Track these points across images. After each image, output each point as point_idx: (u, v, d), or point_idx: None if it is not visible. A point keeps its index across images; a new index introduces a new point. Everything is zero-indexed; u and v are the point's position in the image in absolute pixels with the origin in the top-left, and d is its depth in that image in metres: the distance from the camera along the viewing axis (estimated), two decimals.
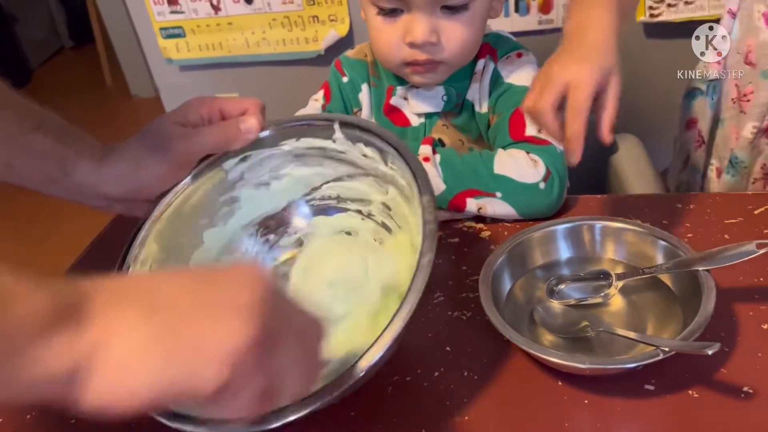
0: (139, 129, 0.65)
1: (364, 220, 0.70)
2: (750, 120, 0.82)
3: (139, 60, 3.04)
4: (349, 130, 0.65)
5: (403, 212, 0.65)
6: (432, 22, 0.73)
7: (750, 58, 0.81)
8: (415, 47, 0.75)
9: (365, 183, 0.68)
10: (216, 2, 1.73)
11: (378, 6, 0.75)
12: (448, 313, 0.64)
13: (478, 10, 0.75)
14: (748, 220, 0.68)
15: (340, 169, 0.69)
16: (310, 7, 1.68)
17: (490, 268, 0.61)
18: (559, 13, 1.55)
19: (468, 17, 0.75)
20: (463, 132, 0.85)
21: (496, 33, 0.86)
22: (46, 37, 3.90)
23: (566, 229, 0.65)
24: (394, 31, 0.75)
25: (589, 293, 0.62)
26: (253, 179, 0.70)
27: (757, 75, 0.80)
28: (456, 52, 0.76)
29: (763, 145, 0.83)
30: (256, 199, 0.70)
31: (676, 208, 0.71)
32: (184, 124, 0.63)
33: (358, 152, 0.66)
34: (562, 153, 0.73)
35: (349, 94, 0.91)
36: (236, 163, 0.68)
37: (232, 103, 0.64)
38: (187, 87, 1.93)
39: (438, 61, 0.76)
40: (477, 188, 0.72)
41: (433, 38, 0.74)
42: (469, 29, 0.75)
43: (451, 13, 0.74)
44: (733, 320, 0.58)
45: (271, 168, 0.69)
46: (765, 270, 0.62)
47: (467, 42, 0.76)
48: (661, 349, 0.51)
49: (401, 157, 0.60)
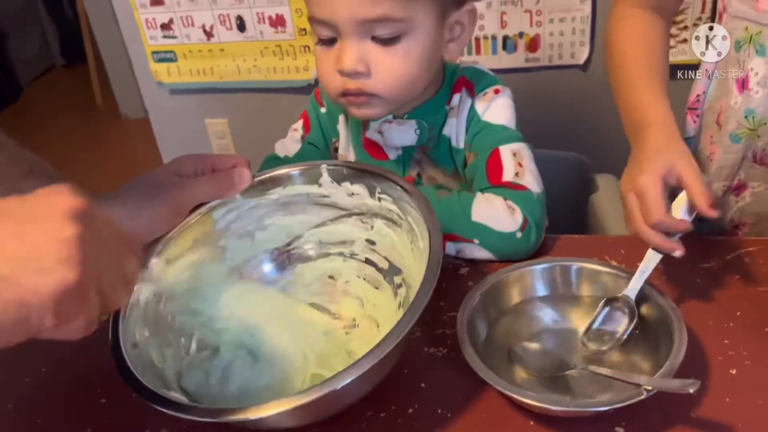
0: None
1: (347, 261, 0.72)
2: (717, 180, 0.85)
3: (130, 80, 3.05)
4: (336, 170, 0.68)
5: (389, 242, 0.67)
6: (362, 50, 0.72)
7: (720, 119, 0.83)
8: (345, 75, 0.74)
9: (348, 224, 0.70)
10: (209, 29, 1.75)
11: (317, 35, 0.76)
12: (425, 348, 0.64)
13: (414, 44, 0.73)
14: (720, 265, 0.70)
15: (324, 214, 0.71)
16: (301, 37, 1.71)
17: (467, 305, 0.62)
18: (545, 51, 1.58)
19: (401, 50, 0.73)
20: (439, 166, 0.86)
21: (472, 67, 0.86)
22: (38, 54, 3.90)
23: (543, 269, 0.67)
24: (329, 59, 0.75)
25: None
26: (239, 229, 0.71)
27: (722, 136, 0.83)
28: (388, 85, 0.74)
29: (732, 202, 0.86)
30: (240, 250, 0.71)
31: None
32: (179, 175, 0.65)
33: (344, 192, 0.68)
34: (539, 199, 0.75)
35: (328, 125, 0.91)
36: (225, 213, 0.69)
37: (223, 158, 0.69)
38: (176, 110, 1.94)
39: (370, 93, 0.75)
40: (456, 233, 0.73)
41: (361, 67, 0.73)
42: (402, 63, 0.73)
43: (383, 44, 0.72)
44: (703, 364, 0.59)
45: (256, 218, 0.71)
46: (734, 315, 0.63)
47: (400, 76, 0.74)
48: (644, 388, 0.52)
49: (399, 186, 0.63)
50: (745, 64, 0.78)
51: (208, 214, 0.68)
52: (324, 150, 0.92)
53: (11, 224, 0.38)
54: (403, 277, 0.67)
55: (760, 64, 0.77)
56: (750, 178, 0.83)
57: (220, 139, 1.97)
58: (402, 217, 0.65)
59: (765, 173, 0.82)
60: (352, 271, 0.71)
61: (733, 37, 0.80)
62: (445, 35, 0.76)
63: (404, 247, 0.66)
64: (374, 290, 0.70)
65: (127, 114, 3.25)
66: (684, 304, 0.64)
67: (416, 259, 0.63)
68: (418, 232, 0.62)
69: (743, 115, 0.80)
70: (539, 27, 1.56)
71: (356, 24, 0.70)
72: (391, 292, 0.68)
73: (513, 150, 0.78)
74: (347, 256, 0.72)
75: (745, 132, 0.80)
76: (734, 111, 0.80)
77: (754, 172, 0.82)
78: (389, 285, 0.69)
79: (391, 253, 0.68)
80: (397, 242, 0.67)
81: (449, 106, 0.83)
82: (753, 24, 0.77)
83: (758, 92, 0.78)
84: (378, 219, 0.68)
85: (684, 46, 1.52)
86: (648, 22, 0.81)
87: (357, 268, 0.71)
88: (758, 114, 0.79)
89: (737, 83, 0.80)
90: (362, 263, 0.71)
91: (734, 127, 0.81)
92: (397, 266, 0.68)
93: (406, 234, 0.65)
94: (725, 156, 0.83)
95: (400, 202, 0.65)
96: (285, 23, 1.70)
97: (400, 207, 0.65)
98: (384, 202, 0.67)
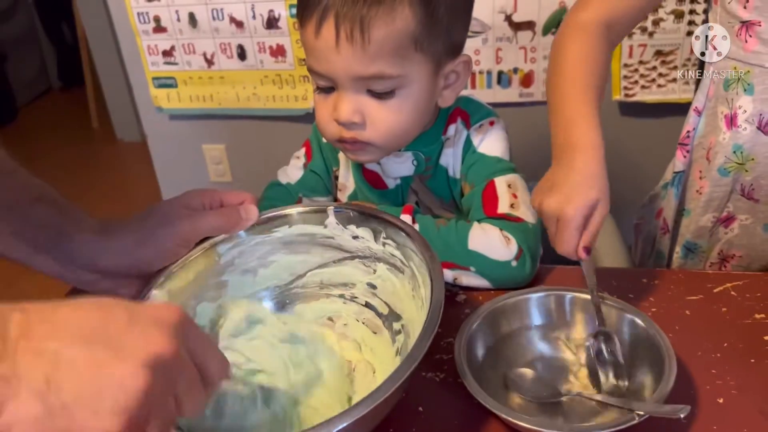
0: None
1: (347, 303, 0.72)
2: (706, 212, 0.88)
3: (127, 104, 3.09)
4: (343, 213, 0.69)
5: (391, 287, 0.67)
6: (358, 102, 0.74)
7: (709, 154, 0.87)
8: (341, 124, 0.76)
9: (350, 266, 0.71)
10: (210, 56, 1.78)
11: (316, 83, 0.78)
12: (422, 373, 0.66)
13: (409, 97, 0.75)
14: (708, 297, 0.72)
15: (327, 255, 0.71)
16: (301, 67, 1.74)
17: (464, 332, 0.64)
18: (539, 87, 1.63)
19: (396, 104, 0.75)
20: (437, 195, 0.88)
21: (466, 97, 0.88)
22: (36, 76, 3.94)
23: (539, 298, 0.69)
24: (326, 107, 0.77)
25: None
26: (242, 265, 0.71)
27: (711, 170, 0.86)
28: (382, 136, 0.76)
29: (721, 234, 0.89)
30: (242, 286, 0.71)
31: (642, 283, 0.75)
32: (188, 208, 0.67)
33: (349, 235, 0.69)
34: (535, 229, 0.77)
35: (329, 153, 0.94)
36: (229, 248, 0.70)
37: (232, 194, 0.70)
38: (174, 134, 1.96)
39: (365, 142, 0.77)
40: (452, 261, 0.75)
41: (357, 118, 0.75)
42: (396, 115, 0.75)
43: (378, 98, 0.74)
44: (692, 393, 0.61)
45: (260, 255, 0.71)
46: (721, 346, 0.66)
47: (393, 128, 0.76)
48: (636, 413, 0.54)
49: (403, 233, 0.64)
50: (734, 102, 0.82)
51: (212, 248, 0.69)
52: (325, 178, 0.95)
53: (98, 351, 0.39)
54: (403, 323, 0.67)
55: (748, 102, 0.80)
56: (738, 211, 0.86)
57: (217, 165, 1.99)
58: (405, 263, 0.65)
59: (752, 207, 0.85)
60: (352, 314, 0.71)
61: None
62: (440, 83, 0.78)
63: (405, 293, 0.66)
64: (372, 335, 0.70)
65: (123, 137, 3.27)
66: (673, 335, 0.66)
67: (416, 306, 0.63)
68: (420, 279, 0.62)
69: (731, 150, 0.83)
70: (533, 63, 1.61)
71: (352, 79, 0.73)
72: (390, 337, 0.68)
73: (508, 181, 0.81)
74: (348, 298, 0.72)
75: (734, 166, 0.84)
76: (723, 146, 0.83)
77: (742, 205, 0.85)
78: (388, 330, 0.68)
79: (392, 298, 0.68)
80: (399, 288, 0.67)
81: (445, 136, 0.85)
82: (741, 64, 0.80)
83: (746, 129, 0.81)
84: (381, 263, 0.68)
85: (674, 85, 1.56)
86: (593, 45, 0.79)
87: (357, 311, 0.71)
88: (746, 149, 0.82)
89: (726, 120, 0.83)
90: (362, 307, 0.71)
91: (723, 162, 0.84)
92: (397, 312, 0.68)
93: (408, 280, 0.65)
94: (714, 188, 0.86)
95: (404, 248, 0.65)
96: (285, 53, 1.73)
97: (403, 253, 0.65)
98: (388, 247, 0.67)
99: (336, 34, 0.70)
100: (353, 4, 0.69)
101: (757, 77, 0.79)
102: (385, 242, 0.67)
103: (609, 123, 1.58)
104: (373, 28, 0.69)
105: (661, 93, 1.58)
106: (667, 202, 0.96)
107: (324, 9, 0.70)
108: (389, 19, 0.70)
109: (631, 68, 1.57)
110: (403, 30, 0.71)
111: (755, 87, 0.79)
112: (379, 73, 0.72)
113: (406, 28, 0.71)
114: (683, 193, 0.94)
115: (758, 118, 0.80)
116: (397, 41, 0.71)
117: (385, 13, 0.69)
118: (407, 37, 0.71)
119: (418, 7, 0.71)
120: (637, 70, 1.57)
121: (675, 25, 1.50)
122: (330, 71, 0.73)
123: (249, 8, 1.69)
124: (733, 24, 0.80)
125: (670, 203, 0.95)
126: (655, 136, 1.61)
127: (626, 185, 1.38)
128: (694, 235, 0.92)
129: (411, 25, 0.71)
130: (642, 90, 1.59)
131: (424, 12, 0.71)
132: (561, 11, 1.53)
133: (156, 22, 1.76)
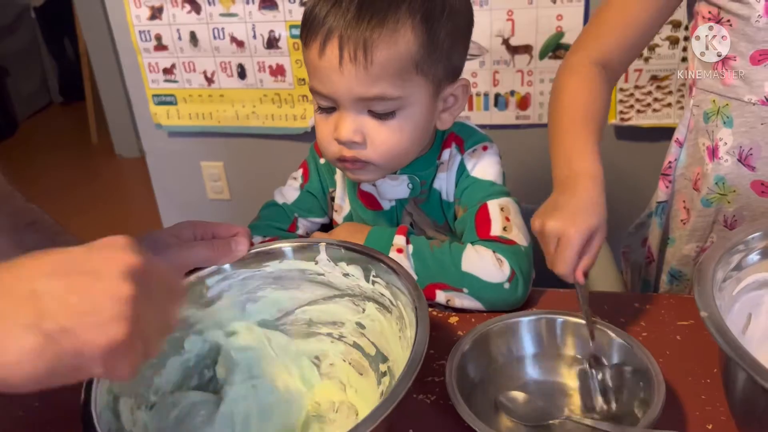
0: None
1: (334, 343, 0.71)
2: (690, 241, 0.89)
3: (126, 121, 3.10)
4: (334, 249, 0.68)
5: (379, 327, 0.67)
6: (358, 122, 0.75)
7: (697, 185, 0.88)
8: (342, 144, 0.77)
9: (340, 304, 0.70)
10: (210, 75, 1.80)
11: (317, 103, 0.79)
12: (414, 395, 0.66)
13: (409, 118, 0.76)
14: (699, 323, 0.72)
15: (317, 292, 0.70)
16: (300, 87, 1.76)
17: (456, 354, 0.65)
18: (535, 110, 1.64)
19: (396, 124, 0.76)
20: (430, 217, 0.89)
21: (460, 123, 0.89)
22: (37, 90, 3.97)
23: (530, 322, 0.69)
24: (327, 127, 0.78)
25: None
26: (231, 298, 0.70)
27: (695, 200, 0.87)
28: (382, 155, 0.77)
29: None
30: (229, 319, 0.70)
31: (634, 307, 0.76)
32: (178, 238, 0.67)
33: (339, 272, 0.68)
34: (527, 252, 0.78)
35: (326, 175, 0.95)
36: (218, 281, 0.69)
37: (224, 227, 0.70)
38: (173, 152, 1.98)
39: (365, 161, 0.78)
40: (446, 282, 0.76)
41: (357, 138, 0.75)
42: (396, 136, 0.76)
43: (379, 118, 0.75)
44: (681, 418, 0.61)
45: (249, 289, 0.70)
46: (711, 372, 0.66)
47: (393, 148, 0.77)
48: None
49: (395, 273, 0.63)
50: (714, 134, 0.83)
51: (201, 281, 0.68)
52: (321, 199, 0.95)
53: (74, 278, 0.41)
54: (389, 365, 0.65)
55: (728, 134, 0.81)
56: None
57: (215, 182, 2.00)
58: (393, 303, 0.64)
59: None
60: (339, 354, 0.70)
61: (701, 109, 0.84)
62: (439, 106, 0.80)
63: (392, 334, 0.65)
64: (358, 376, 0.69)
65: (122, 153, 3.28)
66: (664, 360, 0.66)
67: (403, 348, 0.61)
68: (407, 320, 0.61)
69: (713, 182, 0.84)
70: (530, 86, 1.62)
71: (354, 100, 0.74)
72: (375, 379, 0.67)
73: (501, 205, 0.82)
74: (335, 337, 0.71)
75: (716, 197, 0.85)
76: (706, 177, 0.85)
77: (726, 235, 0.86)
78: (374, 372, 0.67)
79: (380, 339, 0.67)
80: (386, 328, 0.66)
81: (440, 160, 0.86)
82: (720, 97, 0.82)
83: (727, 161, 0.82)
84: (370, 303, 0.67)
85: (669, 109, 1.58)
86: (589, 82, 0.81)
87: (344, 351, 0.70)
88: (728, 181, 0.83)
89: (708, 151, 0.84)
90: (349, 347, 0.70)
91: (705, 192, 0.85)
92: (384, 353, 0.66)
93: (395, 321, 0.64)
94: (698, 219, 0.87)
95: (392, 287, 0.64)
96: (285, 73, 1.75)
97: (392, 292, 0.64)
98: (377, 285, 0.66)
99: (339, 56, 0.71)
100: (357, 26, 0.70)
101: (735, 110, 0.80)
102: (375, 281, 0.66)
103: (605, 146, 1.59)
104: (376, 50, 0.71)
105: (656, 117, 1.60)
106: (652, 231, 0.97)
107: (328, 30, 0.71)
108: (392, 42, 0.71)
109: (627, 93, 1.59)
110: (405, 53, 0.72)
111: (734, 120, 0.81)
112: (381, 94, 0.73)
113: (408, 51, 0.72)
114: (667, 222, 0.95)
115: (738, 150, 0.81)
116: (399, 63, 0.72)
117: (388, 36, 0.71)
118: (409, 59, 0.72)
119: (420, 31, 0.72)
120: (632, 95, 1.59)
121: (670, 51, 1.52)
122: (332, 92, 0.74)
123: (250, 28, 1.71)
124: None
125: (655, 232, 0.97)
126: (650, 159, 1.62)
127: (622, 208, 1.38)
128: (679, 263, 0.93)
129: (413, 48, 0.72)
130: (637, 114, 1.61)
131: (426, 36, 0.73)
132: (558, 35, 1.55)
133: (157, 40, 1.78)
